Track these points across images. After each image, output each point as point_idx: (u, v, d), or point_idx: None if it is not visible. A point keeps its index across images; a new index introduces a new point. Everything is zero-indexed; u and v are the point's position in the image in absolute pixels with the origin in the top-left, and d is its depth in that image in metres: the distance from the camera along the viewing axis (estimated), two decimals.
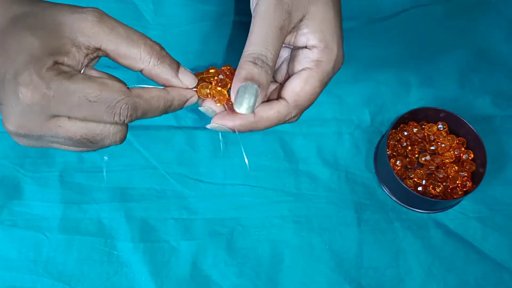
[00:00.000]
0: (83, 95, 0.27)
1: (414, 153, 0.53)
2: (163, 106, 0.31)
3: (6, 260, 0.47)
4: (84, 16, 0.29)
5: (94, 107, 0.28)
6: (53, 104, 0.27)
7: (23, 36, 0.28)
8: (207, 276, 0.48)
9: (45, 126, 0.28)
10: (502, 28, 0.61)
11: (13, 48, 0.28)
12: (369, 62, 0.58)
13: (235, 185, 0.51)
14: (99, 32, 0.29)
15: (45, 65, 0.27)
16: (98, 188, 0.50)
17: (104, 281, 0.47)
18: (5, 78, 0.27)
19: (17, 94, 0.27)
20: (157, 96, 0.30)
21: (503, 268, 0.49)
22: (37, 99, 0.27)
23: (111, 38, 0.30)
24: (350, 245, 0.49)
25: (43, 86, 0.27)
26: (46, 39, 0.28)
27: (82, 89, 0.27)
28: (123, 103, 0.28)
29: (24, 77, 0.27)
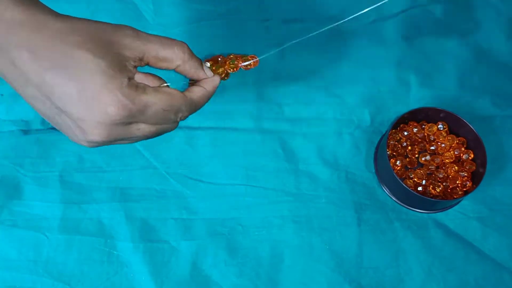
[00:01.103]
0: (159, 106, 0.33)
1: (414, 153, 0.53)
2: (206, 100, 0.38)
3: (6, 260, 0.47)
4: (124, 33, 0.33)
5: (166, 113, 0.34)
6: (136, 116, 0.32)
7: (85, 57, 0.31)
8: (207, 276, 0.48)
9: (127, 132, 0.33)
10: (502, 28, 0.61)
11: (79, 69, 0.30)
12: (369, 62, 0.58)
13: (235, 185, 0.51)
14: (140, 45, 0.33)
15: (123, 84, 0.31)
16: (98, 188, 0.50)
17: (104, 281, 0.47)
18: (82, 97, 0.30)
19: (104, 111, 0.31)
20: (202, 94, 0.37)
21: (503, 268, 0.49)
22: (124, 114, 0.31)
23: (150, 47, 0.34)
24: (350, 245, 0.49)
25: (128, 103, 0.31)
26: (109, 57, 0.31)
27: (157, 101, 0.33)
28: (184, 107, 0.35)
29: (110, 97, 0.31)
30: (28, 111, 0.53)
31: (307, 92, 0.56)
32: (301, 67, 0.57)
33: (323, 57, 0.58)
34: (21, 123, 0.53)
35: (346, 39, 0.59)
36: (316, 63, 0.57)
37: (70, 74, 0.30)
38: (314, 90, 0.56)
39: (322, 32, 0.59)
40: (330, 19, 0.59)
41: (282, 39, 0.58)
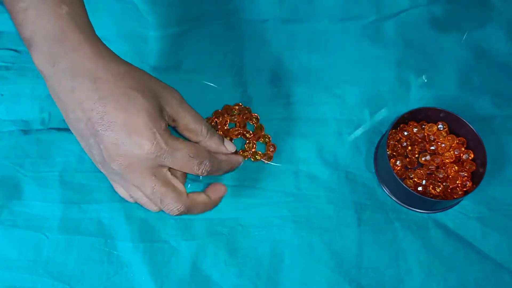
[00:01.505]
0: (186, 152, 0.38)
1: (414, 153, 0.53)
2: (227, 167, 0.43)
3: (6, 260, 0.47)
4: (171, 94, 0.40)
5: (190, 161, 0.38)
6: (164, 156, 0.37)
7: (135, 97, 0.36)
8: (207, 276, 0.48)
9: (146, 173, 0.37)
10: (502, 28, 0.61)
11: (130, 104, 0.36)
12: (369, 62, 0.58)
13: (235, 186, 0.51)
14: (179, 109, 0.40)
15: (162, 126, 0.37)
16: (98, 188, 0.50)
17: (104, 281, 0.47)
18: (125, 126, 0.36)
19: (139, 143, 0.36)
20: (225, 160, 0.43)
21: (503, 268, 0.49)
22: (156, 151, 0.36)
23: (186, 115, 0.40)
24: (350, 245, 0.49)
25: (162, 142, 0.37)
26: (154, 103, 0.37)
27: (185, 147, 0.38)
28: (207, 161, 0.40)
29: (150, 134, 0.36)
30: (28, 111, 0.53)
31: (307, 92, 0.56)
32: (301, 67, 0.57)
33: (323, 57, 0.58)
34: (21, 123, 0.53)
35: (346, 39, 0.59)
36: (316, 63, 0.57)
37: (121, 105, 0.36)
38: (314, 90, 0.56)
39: (322, 32, 0.59)
40: (330, 19, 0.60)
41: (281, 39, 0.59)
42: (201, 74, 0.56)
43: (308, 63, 0.57)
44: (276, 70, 0.57)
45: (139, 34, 0.58)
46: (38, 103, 0.53)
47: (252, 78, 0.56)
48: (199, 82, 0.55)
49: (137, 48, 0.57)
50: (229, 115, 0.53)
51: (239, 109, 0.53)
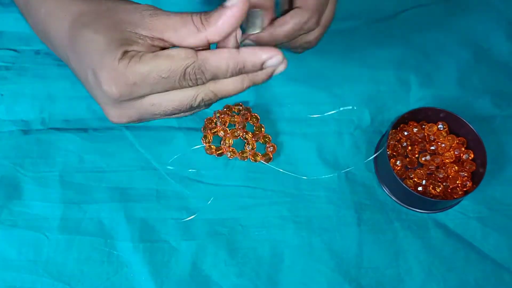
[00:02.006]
0: (156, 75, 0.29)
1: (414, 153, 0.53)
2: (233, 68, 0.31)
3: (6, 260, 0.47)
4: (140, 12, 0.31)
5: (169, 80, 0.30)
6: (136, 89, 0.30)
7: (88, 36, 0.30)
8: (207, 276, 0.48)
9: (141, 109, 0.31)
10: (502, 28, 0.61)
11: (83, 49, 0.30)
12: (369, 62, 0.58)
13: (235, 186, 0.51)
14: (158, 24, 0.31)
15: (116, 58, 0.29)
16: (98, 188, 0.50)
17: (104, 281, 0.47)
18: (88, 79, 0.30)
19: (103, 92, 0.30)
20: (226, 57, 0.31)
21: (503, 268, 0.49)
22: (121, 91, 0.29)
23: (169, 25, 0.31)
24: (350, 245, 0.49)
25: (121, 78, 0.29)
26: (109, 34, 0.30)
27: (153, 69, 0.29)
28: (191, 68, 0.30)
29: (103, 75, 0.29)
30: (28, 111, 0.53)
31: (307, 92, 0.56)
32: (301, 67, 0.57)
33: (323, 57, 0.58)
34: (21, 123, 0.53)
35: (346, 39, 0.59)
36: (316, 63, 0.57)
37: (78, 54, 0.31)
38: (314, 90, 0.56)
39: None
40: None
41: None
42: None
43: (308, 63, 0.57)
44: None
45: None
46: (38, 103, 0.53)
47: None
48: None
49: None
50: (229, 115, 0.53)
51: (239, 109, 0.53)
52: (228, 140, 0.52)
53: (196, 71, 0.30)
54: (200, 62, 0.30)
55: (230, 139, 0.52)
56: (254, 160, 0.52)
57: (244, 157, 0.52)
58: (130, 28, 0.31)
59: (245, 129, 0.53)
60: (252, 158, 0.52)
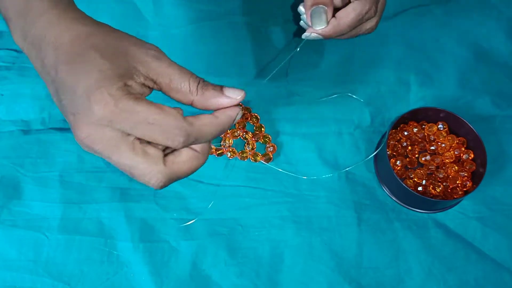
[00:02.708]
0: (144, 116, 0.30)
1: (414, 153, 0.53)
2: (215, 131, 0.34)
3: (6, 260, 0.47)
4: (146, 50, 0.33)
5: (152, 128, 0.31)
6: (120, 118, 0.30)
7: (93, 56, 0.31)
8: (207, 276, 0.48)
9: (115, 140, 0.31)
10: (502, 28, 0.61)
11: (82, 66, 0.31)
12: (369, 62, 0.58)
13: (235, 186, 0.51)
14: (157, 67, 0.33)
15: (115, 85, 0.30)
16: (98, 188, 0.50)
17: (104, 281, 0.47)
18: (77, 92, 0.30)
19: (90, 108, 0.30)
20: (208, 122, 0.33)
21: (503, 268, 0.49)
22: (107, 113, 0.30)
23: (166, 72, 0.33)
24: (350, 245, 0.49)
25: (112, 103, 0.30)
26: (115, 62, 0.31)
27: (144, 110, 0.30)
28: (177, 129, 0.31)
29: (97, 95, 0.30)
30: (28, 111, 0.53)
31: (307, 92, 0.56)
32: (301, 67, 0.57)
33: (323, 57, 0.58)
34: (21, 123, 0.53)
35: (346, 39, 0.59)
36: (316, 63, 0.57)
37: (73, 69, 0.31)
38: (315, 90, 0.56)
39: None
40: None
41: (282, 39, 0.59)
42: (201, 74, 0.56)
43: (308, 63, 0.57)
44: (276, 70, 0.57)
45: (139, 34, 0.58)
46: (38, 103, 0.53)
47: (252, 78, 0.56)
48: None
49: None
50: None
51: None
52: (228, 140, 0.52)
53: (182, 133, 0.31)
54: (186, 126, 0.32)
55: (230, 139, 0.52)
56: (254, 160, 0.52)
57: (244, 157, 0.52)
58: (133, 62, 0.32)
59: (245, 129, 0.53)
60: (252, 158, 0.52)
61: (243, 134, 0.53)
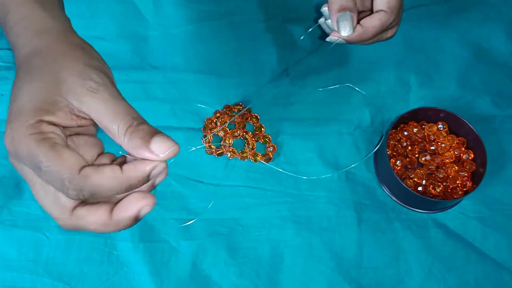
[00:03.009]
0: (38, 161, 0.28)
1: (414, 153, 0.53)
2: (116, 187, 0.29)
3: (6, 260, 0.47)
4: (83, 82, 0.30)
5: (46, 174, 0.28)
6: (13, 158, 0.30)
7: (26, 81, 0.31)
8: (207, 276, 0.48)
9: (22, 170, 0.30)
10: (502, 28, 0.61)
11: (16, 89, 0.31)
12: (369, 62, 0.58)
13: (235, 186, 0.51)
14: (91, 103, 0.30)
15: (26, 122, 0.29)
16: None
17: (104, 281, 0.47)
18: (9, 113, 0.30)
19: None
20: (110, 176, 0.29)
21: (503, 268, 0.49)
22: (11, 149, 0.29)
23: (97, 111, 0.30)
24: (350, 245, 0.49)
25: (14, 140, 0.29)
26: (42, 93, 0.30)
27: (40, 155, 0.28)
28: (67, 182, 0.28)
29: (7, 128, 0.29)
30: None
31: (307, 92, 0.56)
32: (301, 67, 0.57)
33: (323, 57, 0.58)
34: None
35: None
36: (316, 63, 0.57)
37: (14, 89, 0.31)
38: (314, 90, 0.56)
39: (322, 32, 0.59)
40: None
41: (282, 39, 0.59)
42: (201, 74, 0.56)
43: (309, 63, 0.57)
44: (276, 70, 0.57)
45: (139, 34, 0.58)
46: None
47: (252, 78, 0.56)
48: (198, 82, 0.55)
49: (137, 48, 0.57)
50: (229, 115, 0.53)
51: (239, 109, 0.53)
52: (228, 140, 0.52)
53: (74, 187, 0.28)
54: (79, 180, 0.28)
55: (230, 139, 0.52)
56: (254, 160, 0.52)
57: (244, 157, 0.52)
58: (66, 93, 0.30)
59: (245, 129, 0.53)
60: (252, 158, 0.52)
61: (243, 134, 0.53)
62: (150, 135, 0.30)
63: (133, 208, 0.31)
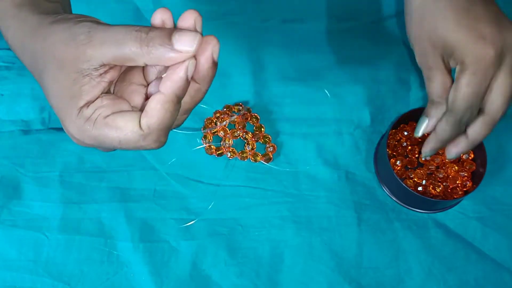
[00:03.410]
0: (107, 145, 0.29)
1: (414, 153, 0.53)
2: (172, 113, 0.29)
3: (6, 260, 0.47)
4: (75, 44, 0.29)
5: (122, 147, 0.29)
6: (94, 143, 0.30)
7: (42, 83, 0.31)
8: (207, 276, 0.48)
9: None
10: None
11: (47, 79, 0.31)
12: (369, 62, 0.58)
13: (235, 186, 0.51)
14: (93, 52, 0.28)
15: (73, 117, 0.29)
16: (98, 188, 0.50)
17: (104, 281, 0.47)
18: (52, 105, 0.31)
19: (64, 125, 0.30)
20: (162, 112, 0.29)
21: (503, 268, 0.49)
22: (80, 140, 0.30)
23: (106, 52, 0.28)
24: (350, 245, 0.49)
25: (79, 139, 0.30)
26: (58, 87, 0.30)
27: (101, 140, 0.29)
28: (143, 140, 0.29)
29: (68, 128, 0.30)
30: (28, 111, 0.53)
31: (307, 92, 0.56)
32: (301, 67, 0.57)
33: (323, 57, 0.58)
34: (21, 123, 0.53)
35: (346, 39, 0.59)
36: (316, 63, 0.57)
37: (43, 84, 0.31)
38: (314, 90, 0.56)
39: (322, 32, 0.59)
40: (330, 19, 0.60)
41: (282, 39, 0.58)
42: None
43: (308, 63, 0.57)
44: (276, 70, 0.57)
45: None
46: (38, 103, 0.53)
47: (252, 78, 0.56)
48: None
49: None
50: (229, 115, 0.53)
51: (239, 109, 0.54)
52: (228, 140, 0.52)
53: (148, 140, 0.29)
54: (147, 134, 0.29)
55: (230, 139, 0.52)
56: (254, 160, 0.52)
57: (244, 157, 0.52)
58: (73, 67, 0.29)
59: (245, 129, 0.53)
60: (252, 158, 0.52)
61: (243, 134, 0.53)
62: (168, 36, 0.28)
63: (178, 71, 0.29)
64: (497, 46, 0.38)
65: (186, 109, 0.32)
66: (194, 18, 0.32)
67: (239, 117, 0.53)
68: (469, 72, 0.39)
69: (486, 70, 0.38)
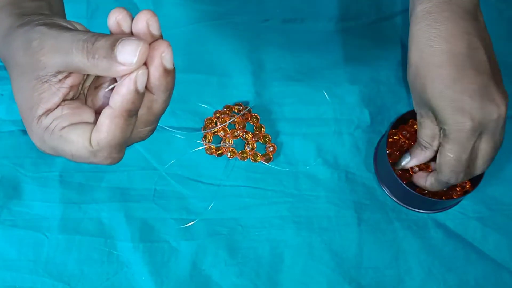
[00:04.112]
0: (65, 155, 0.28)
1: None
2: (124, 127, 0.27)
3: (6, 260, 0.47)
4: (31, 51, 0.27)
5: (76, 160, 0.29)
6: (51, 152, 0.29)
7: (19, 87, 0.29)
8: (207, 276, 0.48)
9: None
10: (502, 28, 0.61)
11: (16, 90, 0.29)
12: (369, 62, 0.58)
13: (235, 186, 0.51)
14: (46, 60, 0.27)
15: (34, 124, 0.28)
16: (98, 188, 0.50)
17: (104, 281, 0.47)
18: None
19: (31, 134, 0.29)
20: (112, 127, 0.27)
21: (503, 268, 0.49)
22: (40, 147, 0.29)
23: (57, 59, 0.27)
24: (350, 245, 0.49)
25: (40, 145, 0.29)
26: (21, 94, 0.29)
27: (64, 149, 0.28)
28: (94, 157, 0.28)
29: (29, 129, 0.29)
30: None
31: (307, 92, 0.56)
32: (301, 67, 0.57)
33: (323, 57, 0.58)
34: (21, 123, 0.53)
35: (346, 39, 0.59)
36: (316, 63, 0.57)
37: (14, 87, 0.29)
38: (314, 90, 0.56)
39: (322, 32, 0.59)
40: (330, 19, 0.60)
41: (282, 39, 0.58)
42: (201, 74, 0.56)
43: (308, 63, 0.57)
44: (276, 70, 0.57)
45: None
46: None
47: (252, 78, 0.56)
48: (198, 82, 0.55)
49: None
50: (229, 115, 0.53)
51: (239, 109, 0.54)
52: (228, 140, 0.52)
53: (100, 156, 0.28)
54: (96, 150, 0.27)
55: (230, 139, 0.52)
56: (254, 160, 0.52)
57: (244, 157, 0.52)
58: (32, 74, 0.27)
59: (245, 129, 0.53)
60: (252, 158, 0.52)
61: (243, 134, 0.53)
62: (111, 47, 0.26)
63: (125, 84, 0.26)
64: (475, 118, 0.40)
65: (147, 121, 0.29)
66: (146, 20, 0.29)
67: (239, 117, 0.53)
68: (450, 140, 0.42)
69: (466, 139, 0.41)
